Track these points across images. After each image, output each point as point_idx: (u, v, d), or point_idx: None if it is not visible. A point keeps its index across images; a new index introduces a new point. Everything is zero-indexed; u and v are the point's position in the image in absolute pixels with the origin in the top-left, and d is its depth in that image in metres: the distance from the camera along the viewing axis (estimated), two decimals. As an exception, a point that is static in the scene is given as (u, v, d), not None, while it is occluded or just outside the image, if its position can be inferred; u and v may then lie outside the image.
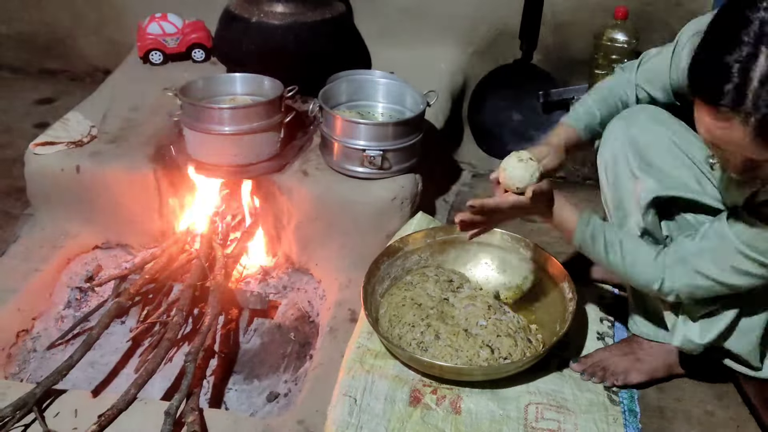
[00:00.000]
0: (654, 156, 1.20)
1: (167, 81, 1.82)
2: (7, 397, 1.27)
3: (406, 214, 1.65)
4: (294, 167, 1.71)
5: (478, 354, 1.29)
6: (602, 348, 1.38)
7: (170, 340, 1.42)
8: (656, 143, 1.20)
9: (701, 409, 1.29)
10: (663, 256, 1.14)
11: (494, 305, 1.43)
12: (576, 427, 1.21)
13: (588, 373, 1.32)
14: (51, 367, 1.36)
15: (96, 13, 2.64)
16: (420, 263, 1.55)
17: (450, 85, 2.25)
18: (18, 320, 1.56)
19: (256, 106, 1.67)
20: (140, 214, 1.76)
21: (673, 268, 1.12)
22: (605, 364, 1.32)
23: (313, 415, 1.26)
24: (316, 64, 1.92)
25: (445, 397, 1.26)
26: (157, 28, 2.20)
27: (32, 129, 2.32)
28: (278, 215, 1.71)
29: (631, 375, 1.31)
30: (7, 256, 1.71)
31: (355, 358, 1.33)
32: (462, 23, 2.33)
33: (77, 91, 2.42)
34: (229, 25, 1.99)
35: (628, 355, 1.33)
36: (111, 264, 1.79)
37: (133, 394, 1.28)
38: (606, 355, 1.34)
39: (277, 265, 1.78)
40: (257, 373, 1.53)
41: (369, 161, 1.61)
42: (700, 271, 1.09)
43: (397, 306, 1.42)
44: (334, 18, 2.01)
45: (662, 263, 1.13)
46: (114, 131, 1.84)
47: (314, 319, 1.64)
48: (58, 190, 1.74)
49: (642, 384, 1.32)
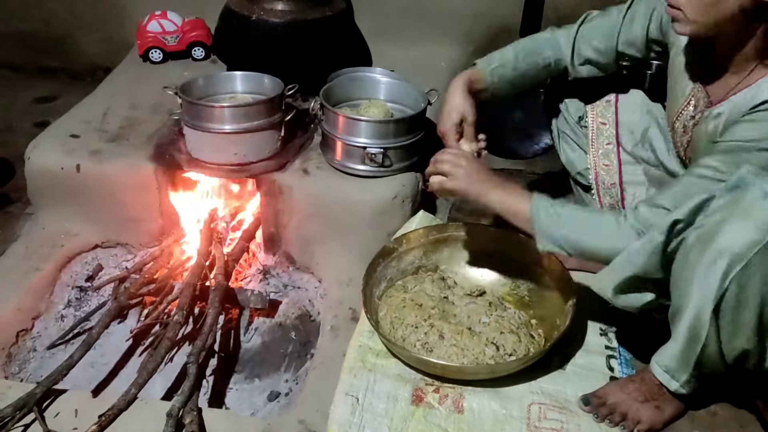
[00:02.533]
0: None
1: (167, 79, 1.82)
2: (7, 396, 1.27)
3: (407, 212, 1.64)
4: (294, 166, 1.70)
5: (484, 352, 1.29)
6: (616, 386, 1.25)
7: (170, 339, 1.42)
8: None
9: (704, 408, 1.29)
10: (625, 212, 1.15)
11: (494, 302, 1.43)
12: (579, 427, 1.20)
13: (603, 415, 1.21)
14: (51, 367, 1.35)
15: (96, 11, 2.64)
16: (414, 263, 1.55)
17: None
18: (18, 320, 1.56)
19: (257, 104, 1.66)
20: (140, 213, 1.75)
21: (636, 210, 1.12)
22: (623, 410, 1.20)
23: (314, 414, 1.26)
24: (317, 63, 1.92)
25: (448, 396, 1.26)
26: (157, 26, 2.19)
27: (32, 128, 2.31)
28: (279, 214, 1.70)
29: (653, 425, 1.21)
30: (7, 255, 1.71)
31: (357, 357, 1.33)
32: (462, 21, 2.32)
33: (77, 89, 2.41)
34: (229, 23, 1.99)
35: (649, 401, 1.20)
36: (111, 263, 1.79)
37: (134, 394, 1.28)
38: (623, 398, 1.21)
39: (278, 264, 1.77)
40: (258, 372, 1.53)
41: (370, 159, 1.60)
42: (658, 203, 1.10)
43: (398, 308, 1.41)
44: (335, 16, 2.00)
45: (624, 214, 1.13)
46: (114, 130, 1.84)
47: (315, 318, 1.63)
48: (58, 189, 1.74)
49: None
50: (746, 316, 1.01)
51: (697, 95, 1.21)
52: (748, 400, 1.29)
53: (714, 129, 1.15)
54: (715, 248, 0.98)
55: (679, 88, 1.26)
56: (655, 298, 1.14)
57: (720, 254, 0.98)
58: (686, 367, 1.13)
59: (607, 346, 1.40)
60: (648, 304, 1.15)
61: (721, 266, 0.98)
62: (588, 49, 1.39)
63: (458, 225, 1.59)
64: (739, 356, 1.08)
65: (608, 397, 1.23)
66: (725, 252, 0.97)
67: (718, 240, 0.98)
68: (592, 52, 1.39)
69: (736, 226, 0.97)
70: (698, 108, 1.21)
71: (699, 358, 1.10)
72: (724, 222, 0.98)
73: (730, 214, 0.98)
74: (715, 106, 1.16)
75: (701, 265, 1.01)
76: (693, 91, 1.22)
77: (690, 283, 1.04)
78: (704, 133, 1.18)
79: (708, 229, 1.00)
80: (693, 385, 1.16)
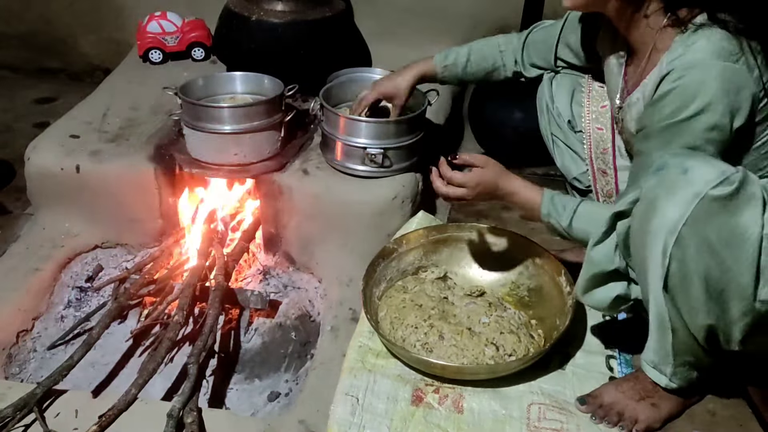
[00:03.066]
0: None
1: (167, 80, 1.82)
2: (8, 397, 1.27)
3: (407, 213, 1.64)
4: (294, 166, 1.70)
5: (484, 352, 1.29)
6: (611, 385, 1.26)
7: (171, 339, 1.42)
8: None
9: (703, 407, 1.29)
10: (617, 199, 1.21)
11: (494, 302, 1.43)
12: (579, 428, 1.21)
13: (600, 416, 1.22)
14: (51, 368, 1.35)
15: (96, 12, 2.64)
16: (414, 264, 1.55)
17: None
18: (18, 320, 1.56)
19: (257, 105, 1.66)
20: (140, 214, 1.75)
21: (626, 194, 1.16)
22: (620, 409, 1.21)
23: (314, 414, 1.26)
24: (316, 63, 1.92)
25: (448, 397, 1.26)
26: (157, 26, 2.19)
27: (32, 128, 2.32)
28: (279, 214, 1.70)
29: (651, 423, 1.22)
30: (7, 255, 1.71)
31: (357, 357, 1.33)
32: (462, 21, 2.32)
33: (77, 90, 2.42)
34: (229, 24, 1.99)
35: (645, 399, 1.21)
36: (111, 263, 1.79)
37: (134, 394, 1.28)
38: (619, 398, 1.22)
39: (278, 264, 1.77)
40: (258, 372, 1.53)
41: (370, 159, 1.60)
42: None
43: (397, 308, 1.41)
44: (334, 16, 2.00)
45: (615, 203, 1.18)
46: (114, 130, 1.84)
47: (315, 319, 1.64)
48: (58, 190, 1.74)
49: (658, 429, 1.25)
50: (694, 290, 1.02)
51: (621, 90, 1.26)
52: (741, 391, 1.29)
53: (636, 116, 1.19)
54: (651, 230, 1.02)
55: (612, 86, 1.31)
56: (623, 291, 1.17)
57: (655, 234, 1.01)
58: (667, 358, 1.15)
59: (607, 347, 1.40)
60: (617, 299, 1.17)
61: (659, 245, 1.01)
62: (530, 57, 1.55)
63: (458, 225, 1.59)
64: (708, 335, 1.08)
65: (604, 397, 1.23)
66: (659, 231, 1.00)
67: (652, 221, 1.01)
68: (535, 60, 1.55)
69: (664, 204, 1.00)
70: (624, 101, 1.25)
71: (674, 346, 1.11)
72: (653, 203, 1.01)
73: (657, 195, 1.01)
74: (632, 94, 1.20)
75: (645, 249, 1.04)
76: (620, 87, 1.27)
77: (643, 270, 1.07)
78: (629, 122, 1.22)
79: (642, 215, 1.04)
80: (681, 377, 1.17)
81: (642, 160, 1.14)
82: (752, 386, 1.27)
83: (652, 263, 1.04)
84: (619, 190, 1.48)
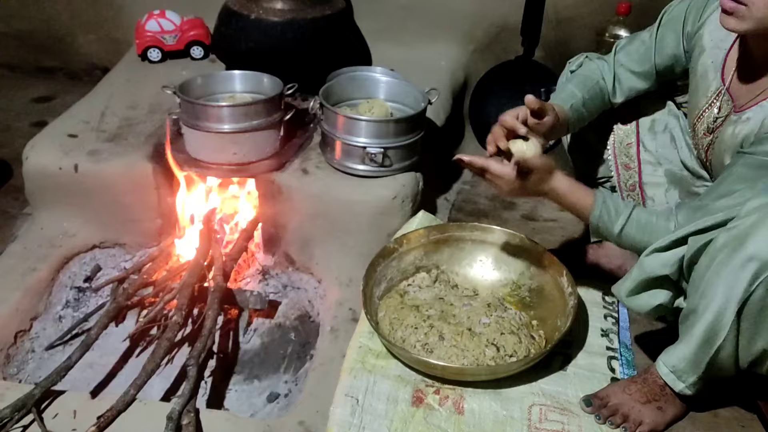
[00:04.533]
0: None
1: (166, 78, 1.81)
2: (6, 398, 1.26)
3: (407, 212, 1.64)
4: (294, 165, 1.70)
5: (484, 353, 1.28)
6: (618, 386, 1.26)
7: (169, 340, 1.41)
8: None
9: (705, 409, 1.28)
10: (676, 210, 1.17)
11: (494, 303, 1.43)
12: (580, 428, 1.20)
13: (604, 416, 1.21)
14: (50, 368, 1.35)
15: (94, 10, 2.63)
16: (415, 263, 1.54)
17: (451, 83, 2.24)
18: (16, 320, 1.55)
19: (256, 104, 1.66)
20: (139, 213, 1.75)
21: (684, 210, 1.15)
22: (625, 411, 1.21)
23: (313, 415, 1.26)
24: (316, 62, 1.91)
25: (448, 398, 1.25)
26: (156, 25, 2.18)
27: (30, 128, 2.31)
28: (278, 214, 1.70)
29: (655, 426, 1.21)
30: (5, 255, 1.70)
31: (357, 358, 1.32)
32: (463, 20, 2.32)
33: (75, 89, 2.41)
34: (228, 22, 1.98)
35: (651, 402, 1.21)
36: (110, 263, 1.78)
37: (133, 395, 1.27)
38: (625, 399, 1.22)
39: (277, 265, 1.77)
40: (257, 373, 1.52)
41: (370, 159, 1.59)
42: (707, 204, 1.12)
43: (396, 308, 1.41)
44: (334, 15, 1.99)
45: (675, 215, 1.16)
46: (112, 129, 1.83)
47: (315, 319, 1.63)
48: (56, 190, 1.73)
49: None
50: None
51: (721, 98, 1.21)
52: (750, 401, 1.28)
53: (741, 133, 1.15)
54: (744, 253, 0.99)
55: (701, 90, 1.25)
56: (666, 300, 1.16)
57: (749, 259, 0.99)
58: (696, 369, 1.14)
59: (608, 347, 1.39)
60: (658, 307, 1.17)
61: (750, 270, 0.99)
62: (628, 76, 1.39)
63: (459, 225, 1.58)
64: (755, 360, 1.08)
65: (610, 398, 1.23)
66: (755, 257, 0.98)
67: (748, 244, 0.99)
68: (633, 78, 1.39)
69: (767, 233, 0.97)
70: (722, 111, 1.21)
71: (712, 360, 1.10)
72: (755, 227, 0.99)
73: (761, 220, 0.99)
74: (744, 111, 1.15)
75: (729, 267, 1.02)
76: (717, 94, 1.22)
77: (713, 285, 1.04)
78: (729, 136, 1.18)
79: (738, 233, 1.01)
80: (699, 386, 1.17)
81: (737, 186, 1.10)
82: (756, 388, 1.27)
83: (729, 285, 1.02)
84: (642, 183, 1.47)
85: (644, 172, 1.47)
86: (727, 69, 1.20)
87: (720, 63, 1.21)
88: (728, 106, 1.19)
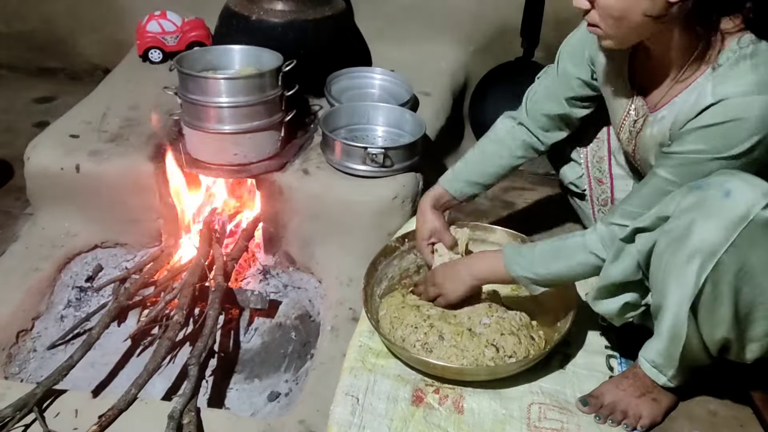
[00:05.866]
0: None
1: (167, 79, 1.81)
2: (8, 397, 1.26)
3: (407, 213, 1.64)
4: (294, 166, 1.70)
5: (484, 353, 1.28)
6: (611, 384, 1.26)
7: (171, 339, 1.42)
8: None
9: (704, 408, 1.29)
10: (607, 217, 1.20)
11: (495, 303, 1.43)
12: (579, 427, 1.20)
13: (604, 416, 1.22)
14: (51, 368, 1.35)
15: (95, 11, 2.64)
16: (416, 262, 1.54)
17: (451, 84, 2.24)
18: (18, 320, 1.56)
19: (256, 104, 1.65)
20: (140, 213, 1.75)
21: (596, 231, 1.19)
22: (623, 407, 1.22)
23: (314, 414, 1.26)
24: (316, 63, 1.92)
25: (448, 397, 1.25)
26: (157, 26, 2.19)
27: (32, 128, 2.31)
28: (279, 214, 1.70)
29: (654, 418, 1.23)
30: (7, 255, 1.70)
31: (357, 357, 1.32)
32: (463, 21, 2.32)
33: (77, 89, 2.41)
34: (229, 23, 1.99)
35: (646, 395, 1.22)
36: (111, 263, 1.79)
37: (134, 394, 1.28)
38: (620, 396, 1.23)
39: (278, 264, 1.77)
40: (258, 372, 1.53)
41: (371, 159, 1.60)
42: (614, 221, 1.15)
43: (397, 308, 1.41)
44: (335, 16, 2.00)
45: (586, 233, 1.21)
46: (114, 130, 1.84)
47: (315, 319, 1.63)
48: (57, 190, 1.74)
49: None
50: (723, 310, 1.04)
51: (635, 103, 1.24)
52: (742, 392, 1.29)
53: (659, 132, 1.17)
54: (686, 250, 1.02)
55: (617, 102, 1.28)
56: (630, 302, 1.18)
57: (692, 255, 1.01)
58: (672, 362, 1.17)
59: (607, 346, 1.40)
60: (625, 308, 1.19)
61: (694, 267, 1.01)
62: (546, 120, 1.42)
63: (459, 225, 1.59)
64: (722, 347, 1.11)
65: (605, 396, 1.24)
66: (696, 253, 1.00)
67: (689, 242, 1.01)
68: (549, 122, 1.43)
69: (703, 227, 1.00)
70: (640, 114, 1.23)
71: (683, 353, 1.13)
72: (692, 224, 1.01)
73: (696, 216, 1.01)
74: (658, 110, 1.17)
75: (675, 266, 1.04)
76: (630, 101, 1.25)
77: (666, 285, 1.07)
78: (649, 137, 1.20)
79: (678, 233, 1.03)
80: (680, 378, 1.20)
81: (662, 184, 1.11)
82: (748, 380, 1.27)
83: (680, 282, 1.04)
84: (615, 198, 1.49)
85: (616, 188, 1.48)
86: (634, 76, 1.23)
87: (626, 72, 1.24)
88: (644, 110, 1.21)
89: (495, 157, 1.45)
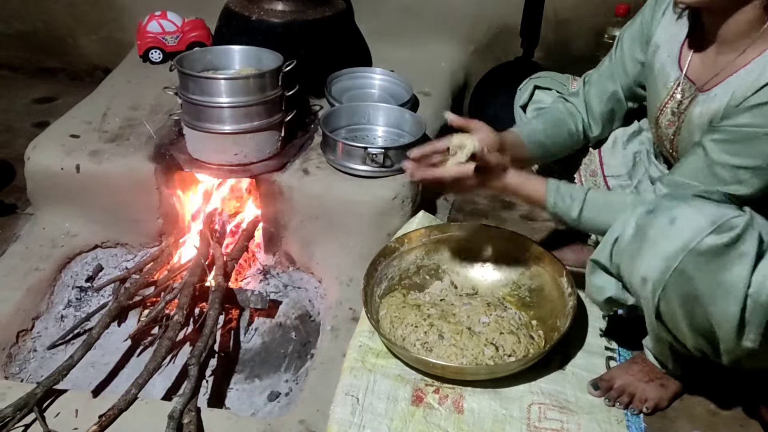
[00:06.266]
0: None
1: (167, 79, 1.82)
2: (8, 397, 1.27)
3: (407, 212, 1.64)
4: (295, 166, 1.70)
5: (483, 352, 1.29)
6: (621, 368, 1.31)
7: (171, 340, 1.42)
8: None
9: (704, 408, 1.29)
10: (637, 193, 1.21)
11: (493, 302, 1.43)
12: (579, 427, 1.21)
13: (613, 398, 1.26)
14: (51, 367, 1.35)
15: (96, 11, 2.64)
16: (416, 263, 1.55)
17: (451, 84, 2.24)
18: (18, 320, 1.56)
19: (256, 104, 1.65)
20: (140, 214, 1.75)
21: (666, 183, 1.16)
22: (631, 391, 1.26)
23: (314, 414, 1.26)
24: (317, 63, 1.92)
25: (448, 397, 1.26)
26: (157, 26, 2.19)
27: (32, 128, 2.32)
28: (279, 214, 1.70)
29: (659, 402, 1.27)
30: (7, 255, 1.71)
31: (357, 357, 1.33)
32: (463, 21, 2.33)
33: (77, 90, 2.42)
34: (229, 23, 1.99)
35: (654, 380, 1.27)
36: (111, 263, 1.79)
37: (134, 394, 1.28)
38: (629, 380, 1.27)
39: (278, 264, 1.77)
40: (258, 372, 1.53)
41: (371, 159, 1.60)
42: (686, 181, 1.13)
43: (398, 307, 1.41)
44: (335, 16, 2.00)
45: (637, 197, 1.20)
46: (114, 130, 1.84)
47: (315, 318, 1.64)
48: (58, 190, 1.74)
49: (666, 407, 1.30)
50: (681, 325, 1.08)
51: (682, 85, 1.22)
52: (751, 406, 1.29)
53: (710, 111, 1.15)
54: (638, 274, 1.06)
55: (660, 84, 1.27)
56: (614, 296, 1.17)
57: (644, 280, 1.05)
58: (666, 357, 1.22)
59: (607, 347, 1.40)
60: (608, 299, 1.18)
61: (648, 289, 1.05)
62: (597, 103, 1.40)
63: (459, 225, 1.59)
64: (700, 352, 1.13)
65: (615, 380, 1.29)
66: (647, 278, 1.04)
67: (639, 267, 1.05)
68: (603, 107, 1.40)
69: (649, 254, 1.03)
70: (686, 96, 1.22)
71: (671, 352, 1.18)
72: (640, 249, 1.05)
73: (642, 242, 1.04)
74: (710, 89, 1.16)
75: (634, 285, 1.09)
76: (677, 81, 1.23)
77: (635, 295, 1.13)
78: (698, 115, 1.18)
79: (629, 256, 1.07)
80: (680, 368, 1.24)
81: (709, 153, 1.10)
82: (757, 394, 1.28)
83: (642, 297, 1.08)
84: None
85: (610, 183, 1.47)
86: (683, 58, 1.22)
87: (676, 55, 1.23)
88: (691, 91, 1.20)
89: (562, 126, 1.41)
